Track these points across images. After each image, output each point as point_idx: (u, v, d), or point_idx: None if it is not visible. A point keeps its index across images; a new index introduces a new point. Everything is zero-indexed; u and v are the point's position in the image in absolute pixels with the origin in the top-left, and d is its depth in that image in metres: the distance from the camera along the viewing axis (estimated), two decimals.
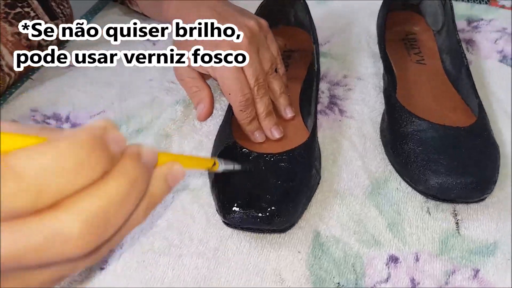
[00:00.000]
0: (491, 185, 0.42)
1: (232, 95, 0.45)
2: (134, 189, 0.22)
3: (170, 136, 0.52)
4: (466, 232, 0.42)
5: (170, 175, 0.25)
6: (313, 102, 0.49)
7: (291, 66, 0.57)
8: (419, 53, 0.58)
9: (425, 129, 0.45)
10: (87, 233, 0.19)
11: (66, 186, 0.19)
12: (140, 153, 0.23)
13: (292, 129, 0.49)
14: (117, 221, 0.21)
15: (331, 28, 0.65)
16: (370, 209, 0.44)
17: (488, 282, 0.39)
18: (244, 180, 0.41)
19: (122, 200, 0.21)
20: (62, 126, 0.53)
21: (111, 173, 0.21)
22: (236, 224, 0.40)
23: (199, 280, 0.39)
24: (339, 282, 0.39)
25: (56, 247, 0.19)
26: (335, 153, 0.49)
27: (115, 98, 0.57)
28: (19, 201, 0.18)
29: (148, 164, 0.23)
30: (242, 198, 0.40)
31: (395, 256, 0.41)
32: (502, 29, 0.65)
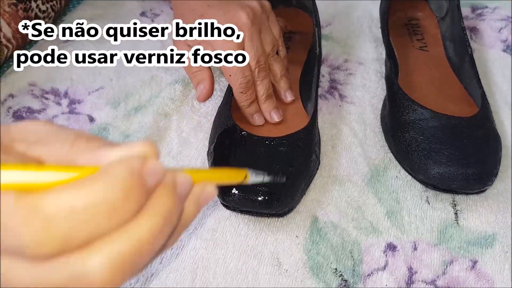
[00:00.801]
0: (492, 177, 0.42)
1: (233, 77, 0.45)
2: (167, 225, 0.20)
3: (169, 116, 0.51)
4: (465, 223, 0.42)
5: (202, 197, 0.24)
6: (313, 86, 0.49)
7: (291, 48, 0.56)
8: (422, 39, 0.58)
9: (427, 118, 0.44)
10: (114, 276, 0.18)
11: (97, 230, 0.18)
12: (176, 184, 0.21)
13: (291, 113, 0.49)
14: (147, 258, 0.20)
15: (333, 10, 0.64)
16: (369, 196, 0.44)
17: (485, 273, 0.39)
18: (244, 164, 0.41)
19: (154, 238, 0.20)
20: (60, 102, 0.52)
21: (145, 211, 0.20)
22: (234, 207, 0.40)
23: (197, 260, 0.39)
24: (336, 268, 0.39)
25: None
26: (334, 139, 0.49)
27: (113, 75, 0.56)
28: (45, 246, 0.17)
29: (183, 195, 0.22)
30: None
31: (393, 244, 0.41)
32: (507, 17, 0.64)
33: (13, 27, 0.56)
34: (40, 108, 0.52)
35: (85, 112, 0.52)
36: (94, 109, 0.52)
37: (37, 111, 0.52)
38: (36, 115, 0.51)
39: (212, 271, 0.39)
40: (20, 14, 0.57)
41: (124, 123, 0.50)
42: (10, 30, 0.56)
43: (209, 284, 0.38)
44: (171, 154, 0.47)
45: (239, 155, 0.42)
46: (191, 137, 0.49)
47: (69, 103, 0.53)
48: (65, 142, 0.21)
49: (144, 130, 0.49)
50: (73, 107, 0.52)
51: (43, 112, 0.51)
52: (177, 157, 0.47)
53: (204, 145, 0.48)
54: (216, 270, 0.39)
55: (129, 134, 0.49)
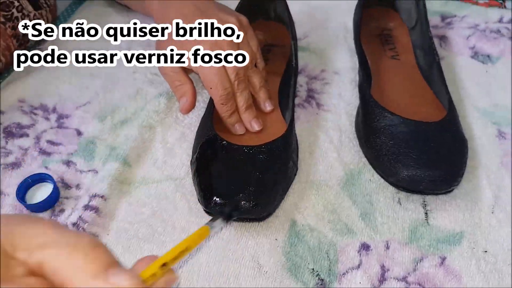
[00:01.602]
0: (458, 178, 0.45)
1: (214, 89, 0.47)
2: None
3: (153, 128, 0.53)
4: (435, 222, 0.45)
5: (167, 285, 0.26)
6: (291, 96, 0.52)
7: (270, 60, 0.59)
8: (394, 48, 0.61)
9: (397, 124, 0.47)
10: None
11: None
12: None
13: (271, 121, 0.52)
14: None
15: (310, 23, 0.67)
16: (344, 199, 0.47)
17: (453, 269, 0.42)
18: (224, 172, 0.43)
19: None
20: (49, 117, 0.54)
21: None
22: (216, 213, 0.43)
23: (181, 265, 0.41)
24: (314, 268, 0.42)
25: None
26: (312, 146, 0.51)
27: (100, 89, 0.58)
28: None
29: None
30: (222, 189, 0.42)
31: (367, 244, 0.43)
32: (475, 25, 0.67)
33: (2, 44, 0.58)
34: (29, 124, 0.54)
35: (73, 126, 0.54)
36: (82, 123, 0.54)
37: (27, 126, 0.54)
38: (25, 131, 0.53)
39: (196, 274, 0.41)
40: (9, 32, 0.59)
41: (110, 136, 0.52)
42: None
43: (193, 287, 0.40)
44: (156, 165, 0.50)
45: (220, 164, 0.44)
46: (176, 147, 0.51)
47: (57, 117, 0.55)
48: (64, 248, 0.23)
49: (129, 142, 0.51)
50: (61, 121, 0.54)
51: (32, 127, 0.53)
52: (162, 167, 0.49)
53: (188, 154, 0.50)
54: (199, 273, 0.41)
55: (116, 146, 0.51)
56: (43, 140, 0.52)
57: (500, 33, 0.66)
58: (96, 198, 0.45)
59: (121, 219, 0.45)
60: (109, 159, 0.49)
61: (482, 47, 0.64)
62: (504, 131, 0.53)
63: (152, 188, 0.47)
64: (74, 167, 0.49)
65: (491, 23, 0.68)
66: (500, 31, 0.66)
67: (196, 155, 0.45)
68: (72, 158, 0.50)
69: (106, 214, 0.45)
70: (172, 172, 0.49)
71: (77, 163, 0.50)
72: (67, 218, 0.44)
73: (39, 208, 0.45)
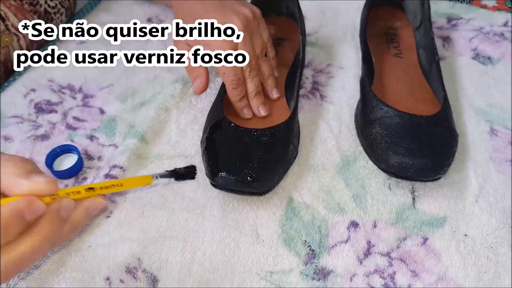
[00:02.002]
0: (445, 167, 0.49)
1: (226, 74, 0.52)
2: (45, 242, 0.31)
3: (169, 110, 0.58)
4: (421, 207, 0.49)
5: (91, 207, 0.35)
6: (296, 86, 0.56)
7: (280, 53, 0.63)
8: (398, 47, 0.64)
9: (391, 116, 0.51)
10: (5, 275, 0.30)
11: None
12: (59, 209, 0.32)
13: (276, 108, 0.56)
14: (31, 262, 0.32)
15: (320, 19, 0.71)
16: (339, 182, 0.51)
17: (434, 249, 0.46)
18: (230, 150, 0.48)
19: (34, 251, 0.31)
20: (75, 96, 0.60)
21: (27, 233, 0.31)
22: (221, 186, 0.47)
23: (188, 230, 0.47)
24: (306, 240, 0.46)
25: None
26: (312, 133, 0.56)
27: (122, 74, 0.63)
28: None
29: (66, 215, 0.33)
30: (228, 165, 0.46)
31: (356, 222, 0.48)
32: (479, 28, 0.70)
33: (20, 18, 0.62)
34: (57, 101, 0.59)
35: (97, 105, 0.59)
36: (105, 103, 0.59)
37: (55, 103, 0.59)
38: (54, 107, 0.59)
39: (200, 239, 0.46)
40: (27, 8, 0.63)
41: (130, 116, 0.58)
42: (17, 20, 0.62)
43: (197, 250, 0.45)
44: (169, 143, 0.55)
45: (227, 143, 0.49)
46: (188, 129, 0.56)
47: (83, 97, 0.60)
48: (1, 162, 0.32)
49: (147, 121, 0.56)
50: (86, 101, 0.60)
51: (60, 104, 0.59)
52: (175, 145, 0.54)
53: (199, 135, 0.55)
54: (204, 239, 0.46)
55: (134, 125, 0.56)
56: (70, 116, 0.58)
57: (503, 36, 0.69)
58: (115, 168, 0.50)
59: (137, 188, 0.50)
60: (128, 136, 0.55)
61: (484, 49, 0.67)
62: (496, 128, 0.56)
63: (165, 163, 0.52)
64: (97, 141, 0.55)
65: (496, 26, 0.70)
66: (503, 34, 0.69)
67: (206, 135, 0.50)
68: (95, 133, 0.56)
69: None
70: (183, 150, 0.54)
71: (100, 138, 0.55)
72: None
73: (65, 175, 0.50)
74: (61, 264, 0.44)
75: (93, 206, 0.35)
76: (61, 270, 0.44)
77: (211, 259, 0.45)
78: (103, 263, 0.44)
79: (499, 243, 0.45)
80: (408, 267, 0.44)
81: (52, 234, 0.32)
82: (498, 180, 0.51)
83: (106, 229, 0.47)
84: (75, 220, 0.34)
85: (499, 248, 0.45)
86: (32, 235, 0.31)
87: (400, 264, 0.44)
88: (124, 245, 0.45)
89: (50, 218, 0.31)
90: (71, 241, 0.45)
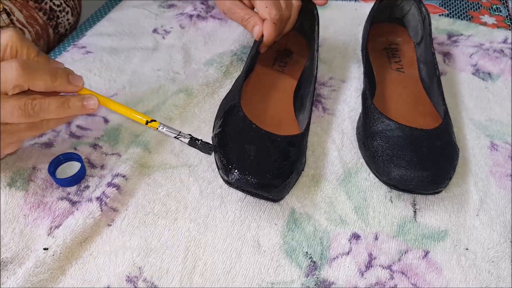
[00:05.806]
0: (446, 180, 0.49)
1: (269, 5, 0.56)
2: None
3: (172, 120, 0.59)
4: (422, 220, 0.49)
5: (86, 101, 0.46)
6: (308, 101, 0.56)
7: (288, 65, 0.64)
8: (399, 61, 0.65)
9: (393, 129, 0.52)
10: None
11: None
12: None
13: (285, 119, 0.56)
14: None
15: (323, 34, 0.72)
16: (341, 193, 0.51)
17: (435, 262, 0.46)
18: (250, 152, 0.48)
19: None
20: None
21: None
22: (237, 185, 0.47)
23: (190, 240, 0.47)
24: (307, 252, 0.46)
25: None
26: (315, 145, 0.56)
27: (126, 83, 0.64)
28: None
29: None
30: (249, 166, 0.46)
31: (357, 234, 0.48)
32: (479, 44, 0.72)
33: (25, 14, 0.63)
34: None
35: (101, 114, 0.60)
36: (109, 112, 0.60)
37: None
38: None
39: (202, 249, 0.46)
40: (31, 4, 0.63)
41: (134, 125, 0.58)
42: (22, 15, 0.63)
43: (198, 260, 0.45)
44: (173, 152, 0.55)
45: (246, 143, 0.48)
46: None
47: None
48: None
49: (151, 131, 0.56)
50: None
51: None
52: (178, 155, 0.55)
53: None
54: (205, 248, 0.46)
55: (138, 134, 0.57)
56: (74, 125, 0.58)
57: (503, 53, 0.70)
58: (118, 177, 0.50)
59: (139, 197, 0.50)
60: (131, 145, 0.55)
61: (484, 65, 0.68)
62: (496, 143, 0.57)
63: (168, 172, 0.53)
64: (100, 150, 0.55)
65: (495, 43, 0.72)
66: (503, 51, 0.70)
67: (219, 129, 0.50)
68: (99, 142, 0.56)
69: (126, 192, 0.50)
70: (187, 160, 0.54)
71: (103, 146, 0.55)
72: (91, 193, 0.50)
73: (67, 182, 0.50)
74: (61, 272, 0.44)
75: (88, 103, 0.46)
76: (61, 278, 0.44)
77: (212, 269, 0.45)
78: (104, 272, 0.44)
79: (500, 257, 0.46)
80: (409, 280, 0.44)
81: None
82: (498, 194, 0.51)
83: (107, 237, 0.47)
84: (72, 105, 0.45)
85: (500, 262, 0.45)
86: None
87: (402, 277, 0.44)
88: (125, 253, 0.45)
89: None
90: (72, 249, 0.45)
